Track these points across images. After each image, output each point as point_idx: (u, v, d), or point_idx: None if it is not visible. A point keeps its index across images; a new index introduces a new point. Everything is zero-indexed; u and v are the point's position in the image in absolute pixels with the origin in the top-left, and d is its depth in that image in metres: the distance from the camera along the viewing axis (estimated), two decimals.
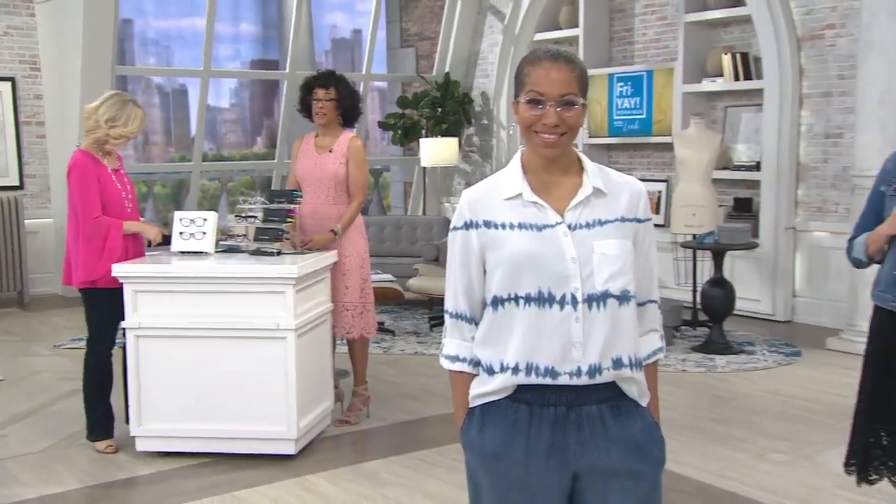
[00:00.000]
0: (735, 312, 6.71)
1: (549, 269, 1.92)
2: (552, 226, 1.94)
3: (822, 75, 7.19)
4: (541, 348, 1.93)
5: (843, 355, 6.10)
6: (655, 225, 2.12)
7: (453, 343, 2.06)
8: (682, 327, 6.90)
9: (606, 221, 1.97)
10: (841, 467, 3.27)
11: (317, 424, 4.63)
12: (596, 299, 1.92)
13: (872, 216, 2.99)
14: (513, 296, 1.94)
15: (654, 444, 2.00)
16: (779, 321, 7.38)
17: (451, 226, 2.05)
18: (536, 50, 2.00)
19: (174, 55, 12.62)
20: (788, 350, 6.48)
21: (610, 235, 1.96)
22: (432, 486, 4.11)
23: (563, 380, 1.92)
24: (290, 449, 4.34)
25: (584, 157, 2.04)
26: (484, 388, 2.00)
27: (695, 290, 6.94)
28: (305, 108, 4.93)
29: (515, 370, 1.94)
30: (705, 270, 6.97)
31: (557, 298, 1.92)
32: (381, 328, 7.10)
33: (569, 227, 1.94)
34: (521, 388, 1.96)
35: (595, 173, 2.01)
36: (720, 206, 7.34)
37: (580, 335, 1.92)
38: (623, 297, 1.95)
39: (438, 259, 7.87)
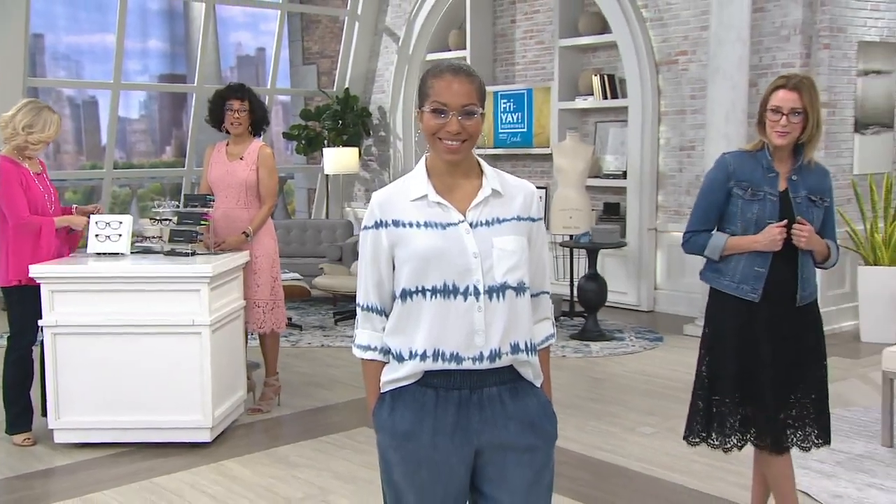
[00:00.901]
0: (607, 304, 6.88)
1: (453, 263, 1.92)
2: (455, 224, 1.95)
3: (676, 95, 7.45)
4: (446, 336, 1.93)
5: (697, 339, 6.31)
6: None
7: (365, 333, 2.04)
8: (562, 317, 7.05)
9: (504, 220, 1.98)
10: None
11: (231, 413, 4.51)
12: (496, 290, 1.93)
13: (715, 212, 3.00)
14: (420, 288, 1.94)
15: (548, 421, 2.02)
16: (643, 311, 7.60)
17: (363, 225, 2.03)
18: (439, 64, 2.00)
19: (84, 69, 12.07)
20: (652, 336, 6.69)
21: (507, 232, 1.97)
22: (341, 466, 4.06)
23: (467, 364, 1.92)
24: (206, 437, 4.22)
25: (483, 162, 2.06)
26: (394, 375, 1.98)
27: (572, 285, 7.09)
28: (216, 119, 4.80)
29: (423, 357, 1.94)
30: (581, 267, 7.14)
31: (461, 290, 1.92)
32: (290, 323, 6.97)
33: (470, 224, 1.95)
34: (428, 374, 1.95)
35: (493, 176, 2.02)
36: (593, 209, 7.52)
37: (482, 323, 1.92)
38: (519, 289, 1.97)
39: (342, 259, 7.80)
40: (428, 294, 1.93)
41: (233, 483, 3.86)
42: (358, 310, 2.06)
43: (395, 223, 1.97)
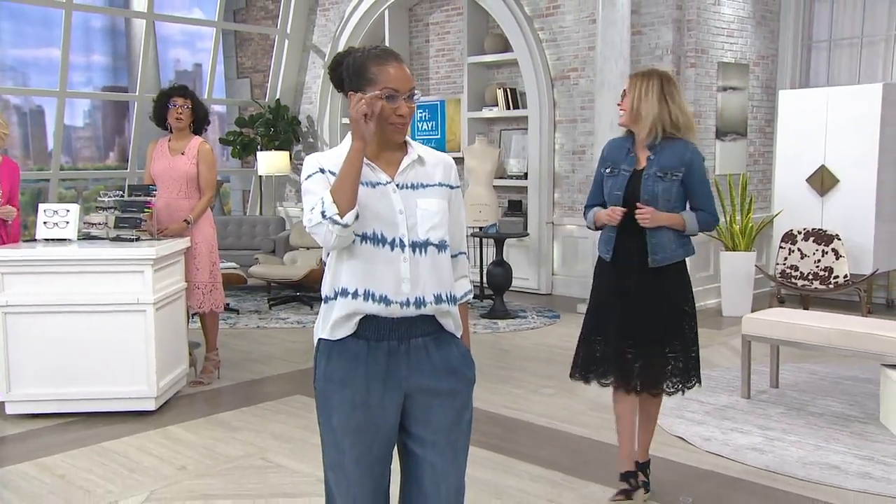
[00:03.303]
0: (511, 288, 6.97)
1: (380, 216, 1.89)
2: (383, 184, 1.92)
3: (569, 107, 7.59)
4: (375, 279, 1.89)
5: None
6: None
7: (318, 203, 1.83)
8: (473, 299, 7.07)
9: (427, 185, 1.96)
10: (591, 396, 3.46)
11: (174, 385, 4.36)
12: (419, 246, 1.91)
13: (598, 192, 3.16)
14: (362, 233, 1.88)
15: (467, 367, 2.01)
16: (542, 293, 7.72)
17: (305, 176, 1.93)
18: (374, 50, 1.94)
19: (31, 80, 11.44)
20: (550, 314, 6.80)
21: (430, 196, 1.95)
22: (277, 428, 3.98)
23: (394, 308, 1.88)
24: (151, 405, 4.07)
25: (408, 138, 2.03)
26: (331, 316, 1.92)
27: (482, 270, 7.14)
28: (160, 118, 4.64)
29: (355, 295, 1.89)
30: (489, 255, 7.20)
31: (388, 240, 1.89)
32: (228, 308, 6.80)
33: (397, 185, 1.93)
34: (360, 326, 1.90)
35: (417, 149, 2.00)
36: (499, 206, 7.60)
37: (408, 272, 1.89)
38: (441, 246, 1.94)
39: (275, 251, 7.66)
40: (357, 240, 1.89)
41: (177, 445, 3.73)
42: (315, 213, 1.85)
43: (332, 173, 1.90)
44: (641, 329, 3.03)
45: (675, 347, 3.06)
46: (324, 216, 1.82)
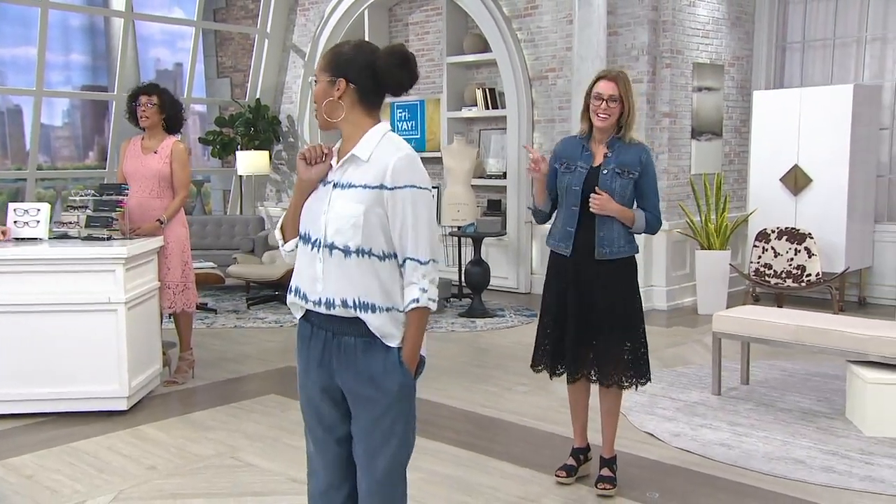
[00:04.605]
0: (490, 287, 6.98)
1: (311, 216, 1.98)
2: (330, 182, 1.98)
3: (547, 107, 7.62)
4: (300, 276, 2.00)
5: None
6: None
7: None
8: (451, 298, 7.10)
9: (352, 186, 1.92)
10: (563, 394, 3.53)
11: (147, 385, 4.33)
12: (329, 248, 1.93)
13: (552, 184, 3.17)
14: (300, 232, 2.03)
15: (389, 378, 1.93)
16: (521, 292, 7.73)
17: None
18: None
19: (8, 79, 11.32)
20: (528, 313, 6.81)
21: (348, 198, 1.91)
22: (250, 427, 3.96)
23: (311, 305, 1.98)
24: (123, 405, 4.04)
25: (373, 131, 1.95)
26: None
27: (460, 269, 7.15)
28: (133, 116, 4.61)
29: (290, 290, 2.03)
30: (467, 254, 7.20)
31: (312, 240, 1.96)
32: (205, 307, 6.77)
33: (334, 185, 1.96)
34: (308, 311, 2.01)
35: (366, 145, 1.93)
36: (478, 205, 7.60)
37: (321, 273, 1.94)
38: (346, 251, 1.90)
39: (254, 250, 7.62)
40: (300, 238, 2.02)
41: (148, 444, 3.71)
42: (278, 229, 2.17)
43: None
44: (598, 321, 3.10)
45: (628, 341, 3.13)
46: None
